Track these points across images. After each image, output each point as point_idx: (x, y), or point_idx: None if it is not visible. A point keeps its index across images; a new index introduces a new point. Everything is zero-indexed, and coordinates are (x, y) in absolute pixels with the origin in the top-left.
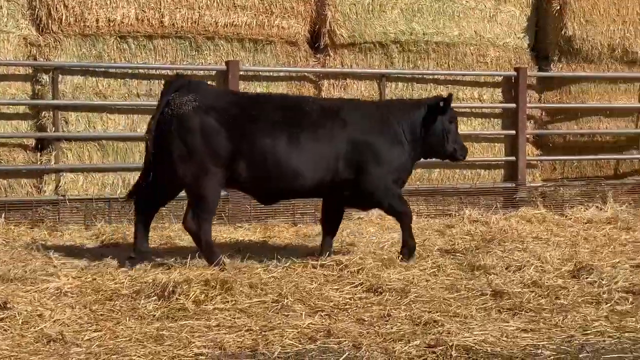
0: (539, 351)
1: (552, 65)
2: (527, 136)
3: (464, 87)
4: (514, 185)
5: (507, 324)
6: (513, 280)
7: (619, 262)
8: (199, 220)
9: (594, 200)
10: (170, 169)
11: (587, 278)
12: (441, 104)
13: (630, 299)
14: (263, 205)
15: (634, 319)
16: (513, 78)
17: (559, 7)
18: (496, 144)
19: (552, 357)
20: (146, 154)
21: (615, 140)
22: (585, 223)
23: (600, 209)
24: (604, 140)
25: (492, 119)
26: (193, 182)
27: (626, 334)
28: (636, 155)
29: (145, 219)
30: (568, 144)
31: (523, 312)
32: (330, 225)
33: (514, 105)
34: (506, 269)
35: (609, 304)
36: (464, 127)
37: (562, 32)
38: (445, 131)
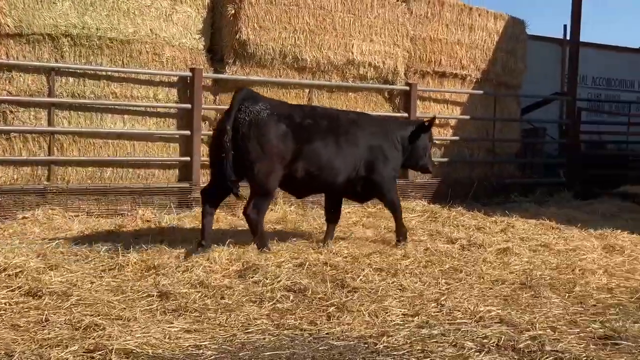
0: (201, 351)
1: (227, 68)
2: (202, 137)
3: (139, 86)
4: (188, 185)
5: (171, 325)
6: (181, 280)
7: (283, 261)
8: (259, 212)
9: None
10: (244, 166)
11: (252, 277)
12: (426, 123)
13: (292, 297)
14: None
15: (293, 316)
16: (188, 78)
17: (233, 12)
18: (171, 143)
19: (213, 357)
20: (218, 152)
21: None
22: None
23: (271, 210)
24: None
25: (167, 119)
26: (264, 178)
27: (285, 331)
28: None
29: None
30: None
31: (188, 313)
32: (333, 216)
33: (189, 105)
34: (175, 269)
35: (271, 303)
36: (139, 125)
37: (237, 36)
38: (425, 146)
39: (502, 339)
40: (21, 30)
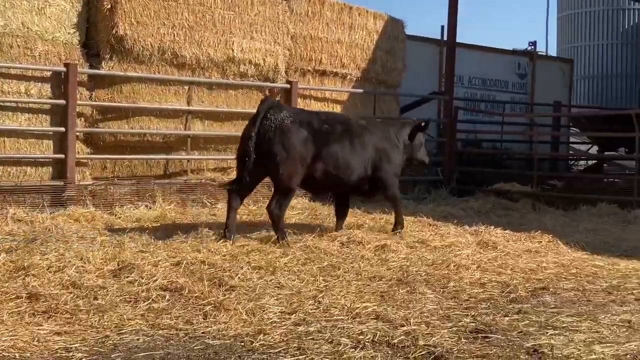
0: (71, 354)
1: (103, 64)
2: (77, 134)
3: (10, 80)
4: (62, 183)
5: (40, 327)
6: (52, 281)
7: (160, 260)
8: (281, 208)
9: (144, 199)
10: (268, 167)
11: (127, 277)
12: (422, 124)
13: (167, 297)
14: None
15: (169, 316)
16: (63, 74)
17: (110, 6)
18: (44, 140)
19: (83, 359)
20: (244, 155)
21: (165, 141)
22: (134, 222)
23: (150, 208)
24: (154, 141)
25: (40, 115)
26: (287, 178)
27: (160, 331)
28: (185, 156)
29: (235, 207)
30: (119, 142)
31: (59, 315)
32: (340, 213)
33: (63, 101)
34: (47, 269)
35: (146, 302)
36: (9, 121)
37: (114, 31)
38: (421, 143)
39: (378, 334)
40: None
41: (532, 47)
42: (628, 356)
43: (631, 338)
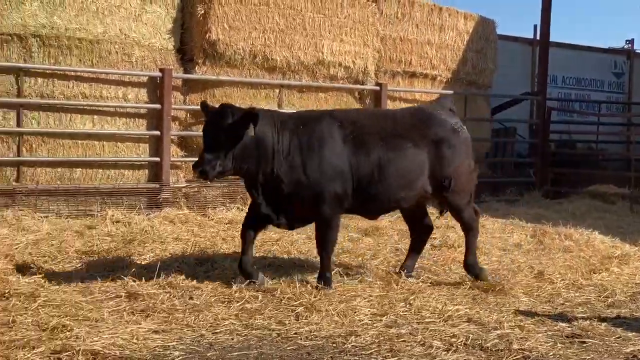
0: (168, 352)
1: (197, 68)
2: (172, 137)
3: (109, 86)
4: (158, 185)
5: (139, 325)
6: (149, 281)
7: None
8: None
9: (236, 202)
10: None
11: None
12: None
13: (260, 297)
14: None
15: (262, 316)
16: (158, 79)
17: (203, 12)
18: (141, 144)
19: (180, 357)
20: None
21: None
22: (227, 224)
23: (241, 210)
24: None
25: (137, 119)
26: None
27: (254, 331)
28: None
29: None
30: None
31: (156, 314)
32: None
33: (159, 105)
34: (144, 270)
35: (239, 303)
36: (108, 126)
37: (207, 36)
38: None
39: (470, 337)
40: None
41: (630, 44)
42: None
43: None
